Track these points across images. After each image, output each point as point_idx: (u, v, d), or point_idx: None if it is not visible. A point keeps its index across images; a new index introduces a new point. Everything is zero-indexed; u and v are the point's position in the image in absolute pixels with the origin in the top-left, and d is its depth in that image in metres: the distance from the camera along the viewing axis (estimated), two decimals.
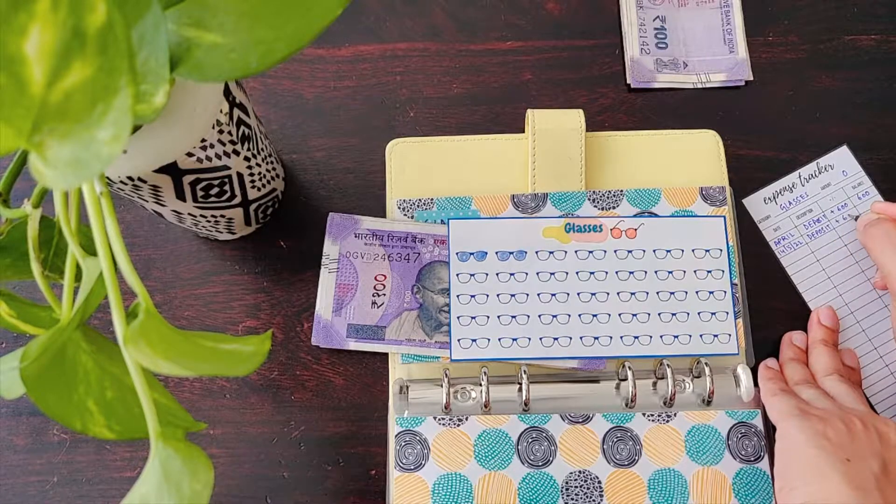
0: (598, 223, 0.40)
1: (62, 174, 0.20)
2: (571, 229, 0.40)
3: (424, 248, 0.40)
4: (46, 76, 0.19)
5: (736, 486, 0.37)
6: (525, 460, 0.37)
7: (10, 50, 0.18)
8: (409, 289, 0.40)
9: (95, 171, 0.20)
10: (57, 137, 0.20)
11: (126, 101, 0.19)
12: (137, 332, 0.23)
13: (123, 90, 0.19)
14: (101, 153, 0.20)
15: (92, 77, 0.19)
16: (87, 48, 0.19)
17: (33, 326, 0.30)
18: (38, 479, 0.40)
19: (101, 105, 0.19)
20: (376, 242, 0.40)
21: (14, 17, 0.18)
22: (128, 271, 0.24)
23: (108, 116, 0.19)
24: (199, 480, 0.24)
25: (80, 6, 0.18)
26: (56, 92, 0.19)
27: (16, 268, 0.31)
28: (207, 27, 0.24)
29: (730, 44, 0.47)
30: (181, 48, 0.24)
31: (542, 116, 0.42)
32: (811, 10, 0.48)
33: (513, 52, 0.47)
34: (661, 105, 0.46)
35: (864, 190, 0.44)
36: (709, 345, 0.39)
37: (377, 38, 0.47)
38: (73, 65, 0.19)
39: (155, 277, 0.43)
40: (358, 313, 0.40)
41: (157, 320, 0.24)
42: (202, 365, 0.24)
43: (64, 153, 0.20)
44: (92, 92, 0.19)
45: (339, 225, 0.41)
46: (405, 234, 0.40)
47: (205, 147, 0.32)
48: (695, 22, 0.48)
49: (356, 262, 0.40)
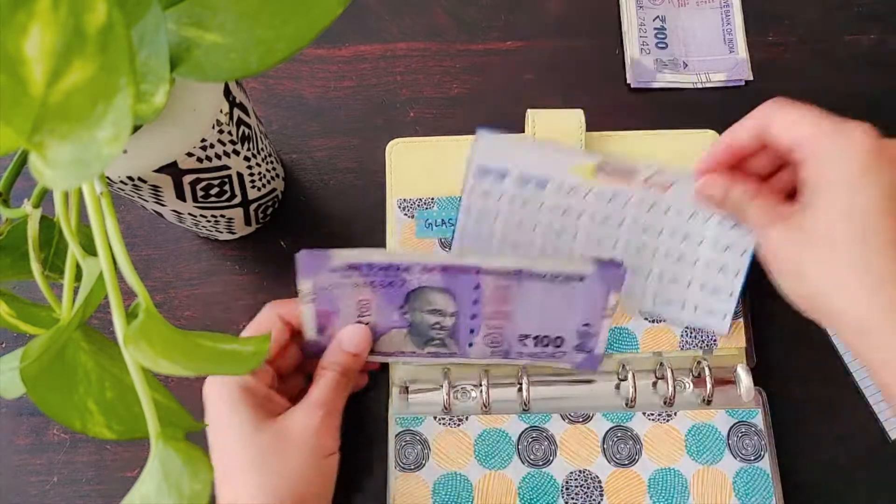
0: (632, 168, 0.38)
1: (63, 174, 0.20)
2: (602, 170, 0.38)
3: (410, 276, 0.35)
4: (47, 76, 0.19)
5: (736, 486, 0.37)
6: (525, 460, 0.37)
7: (10, 50, 0.18)
8: (397, 309, 0.36)
9: (96, 170, 0.20)
10: (57, 137, 0.20)
11: (127, 100, 0.19)
12: (138, 332, 0.23)
13: (124, 90, 0.19)
14: (101, 153, 0.20)
15: (92, 77, 0.19)
16: (88, 48, 0.19)
17: (33, 326, 0.30)
18: (38, 479, 0.40)
19: (102, 105, 0.19)
20: (354, 273, 0.35)
21: (14, 17, 0.18)
22: (128, 271, 0.24)
23: (109, 116, 0.19)
24: (199, 480, 0.24)
25: (80, 6, 0.18)
26: (56, 92, 0.19)
27: (16, 268, 0.31)
28: (207, 27, 0.24)
29: (730, 44, 0.47)
30: (181, 48, 0.24)
31: (542, 116, 0.42)
32: (811, 10, 0.48)
33: (513, 52, 0.47)
34: (661, 105, 0.46)
35: None
36: (701, 317, 0.39)
37: (377, 38, 0.47)
38: (73, 64, 0.19)
39: (155, 277, 0.43)
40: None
41: (157, 320, 0.24)
42: (203, 365, 0.24)
43: (64, 153, 0.20)
44: (92, 92, 0.19)
45: (307, 264, 0.34)
46: (387, 264, 0.35)
47: (205, 147, 0.32)
48: (695, 22, 0.48)
49: (335, 292, 0.35)
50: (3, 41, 0.18)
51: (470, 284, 0.35)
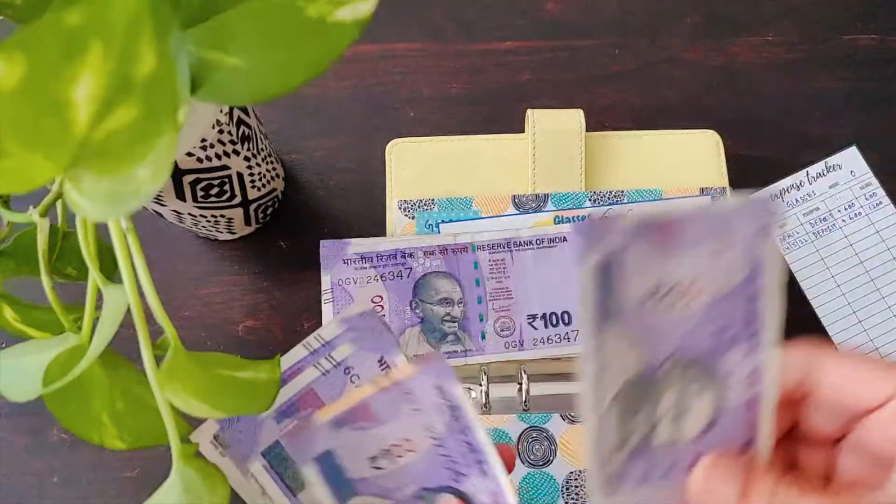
0: (587, 214, 0.40)
1: (98, 206, 0.21)
2: (560, 221, 0.40)
3: (415, 262, 0.38)
4: (91, 117, 0.19)
5: None
6: (525, 460, 0.37)
7: (60, 96, 0.18)
8: (408, 304, 0.39)
9: (132, 206, 0.20)
10: (95, 172, 0.20)
11: (168, 143, 0.19)
12: (170, 374, 0.24)
13: (166, 133, 0.19)
14: (139, 190, 0.20)
15: (135, 120, 0.19)
16: (133, 94, 0.19)
17: (39, 331, 0.30)
18: (37, 479, 0.40)
19: (143, 146, 0.20)
20: (366, 265, 0.38)
21: (66, 68, 0.18)
22: (157, 310, 0.24)
23: (150, 157, 0.20)
24: (217, 494, 0.25)
25: (130, 57, 0.18)
26: (99, 132, 0.19)
27: (19, 271, 0.31)
28: (228, 50, 0.24)
29: None
30: (202, 70, 0.24)
31: (542, 116, 0.42)
32: (811, 10, 0.48)
33: (513, 52, 0.47)
34: (661, 105, 0.46)
35: (872, 191, 0.44)
36: None
37: (377, 38, 0.47)
38: (118, 109, 0.19)
39: (155, 277, 0.43)
40: None
41: (183, 357, 0.24)
42: (229, 403, 0.26)
43: (102, 187, 0.20)
44: (134, 134, 0.20)
45: (327, 253, 0.39)
46: (394, 251, 0.38)
47: (205, 147, 0.32)
48: None
49: (349, 289, 0.38)
50: (53, 89, 0.18)
51: (469, 263, 0.37)
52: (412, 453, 0.27)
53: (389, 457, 0.27)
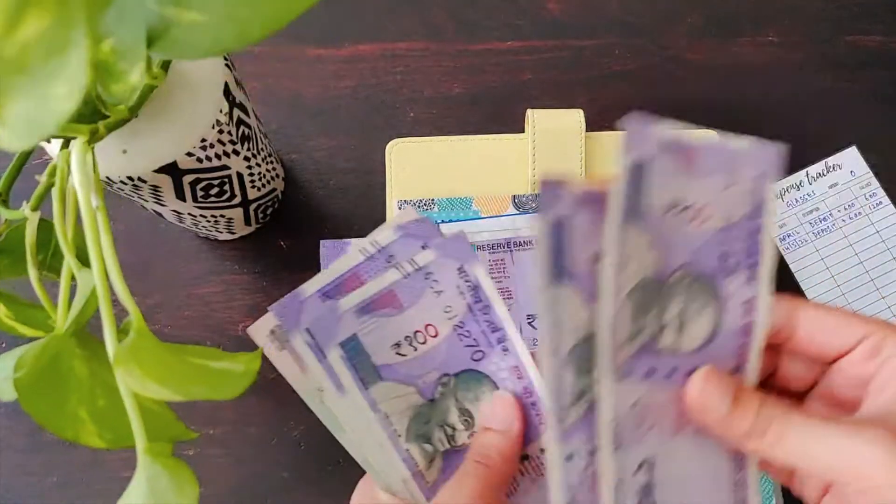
0: None
1: (17, 133, 0.20)
2: None
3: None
4: (1, 27, 0.18)
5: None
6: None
7: None
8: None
9: (49, 128, 0.19)
10: (12, 94, 0.20)
11: (82, 54, 0.19)
12: (128, 353, 0.23)
13: (80, 43, 0.19)
14: (55, 110, 0.19)
15: (48, 29, 0.19)
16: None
17: (31, 328, 0.30)
18: (36, 479, 0.40)
19: (57, 59, 0.19)
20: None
21: None
22: (120, 290, 0.23)
23: (64, 71, 0.19)
24: (185, 496, 0.24)
25: None
26: (11, 45, 0.19)
27: (15, 268, 0.31)
28: (188, 5, 0.23)
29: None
30: (160, 27, 0.24)
31: (542, 116, 0.42)
32: (813, 10, 0.48)
33: (513, 52, 0.47)
34: (662, 105, 0.46)
35: (872, 191, 0.44)
36: None
37: (377, 38, 0.47)
38: (28, 15, 0.18)
39: (155, 277, 0.43)
40: None
41: (148, 339, 0.23)
42: (193, 388, 0.24)
43: (19, 111, 0.20)
44: (48, 45, 0.19)
45: (327, 253, 0.36)
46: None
47: (205, 147, 0.32)
48: None
49: None
50: None
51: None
52: (434, 339, 0.28)
53: (414, 343, 0.28)
